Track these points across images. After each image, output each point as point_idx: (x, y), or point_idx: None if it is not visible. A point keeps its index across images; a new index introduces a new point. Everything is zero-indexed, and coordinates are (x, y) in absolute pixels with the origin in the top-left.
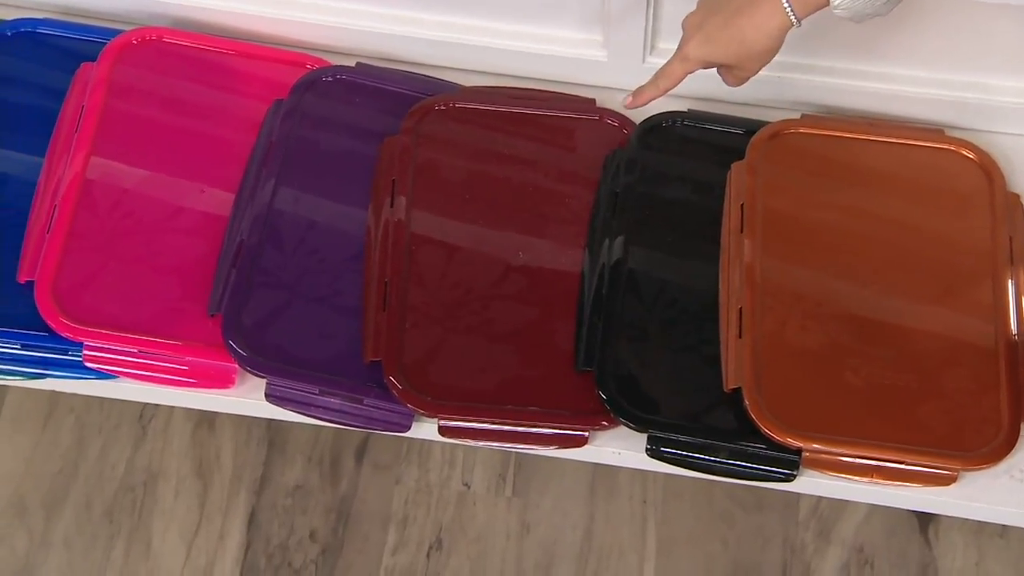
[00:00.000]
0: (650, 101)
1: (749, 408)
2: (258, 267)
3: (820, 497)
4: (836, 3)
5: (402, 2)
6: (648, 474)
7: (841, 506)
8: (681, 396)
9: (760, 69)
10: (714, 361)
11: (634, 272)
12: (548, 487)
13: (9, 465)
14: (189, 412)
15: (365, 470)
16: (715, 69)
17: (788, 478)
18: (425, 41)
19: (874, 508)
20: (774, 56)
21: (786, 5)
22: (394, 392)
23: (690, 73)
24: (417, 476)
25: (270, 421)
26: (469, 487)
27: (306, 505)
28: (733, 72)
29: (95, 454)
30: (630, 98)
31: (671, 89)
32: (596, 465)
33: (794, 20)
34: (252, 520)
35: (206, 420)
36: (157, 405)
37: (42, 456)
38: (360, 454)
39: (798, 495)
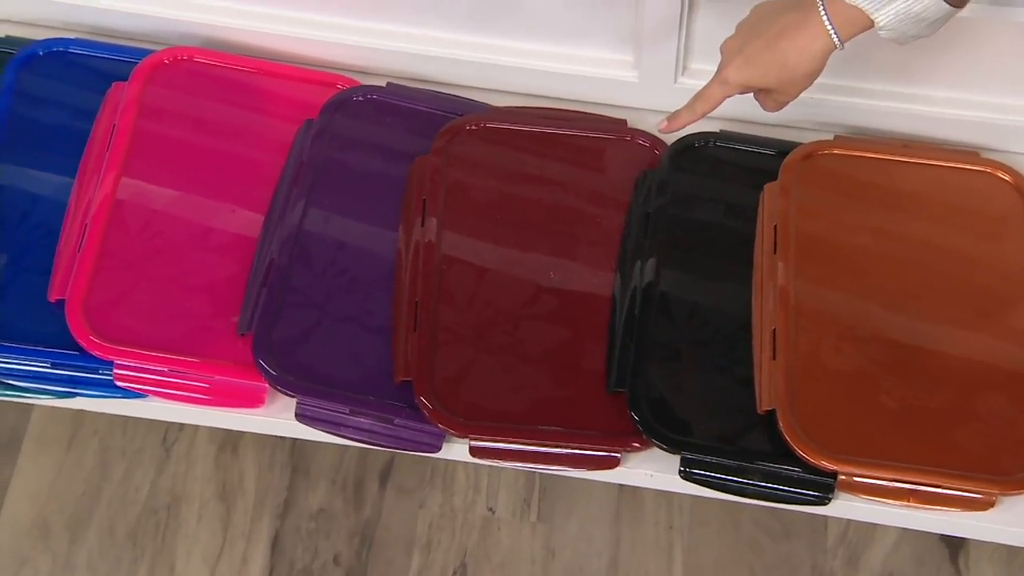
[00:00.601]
0: (686, 126)
1: (783, 430)
2: (288, 286)
3: (848, 525)
4: (881, 24)
5: (432, 22)
6: (674, 500)
7: (869, 534)
8: (714, 418)
9: (800, 93)
10: (747, 382)
11: (666, 293)
12: (573, 512)
13: (33, 487)
14: (212, 435)
15: (389, 494)
16: (752, 94)
17: (823, 501)
18: (455, 61)
19: (903, 536)
20: (815, 80)
21: (830, 27)
22: (425, 412)
23: (728, 97)
24: (441, 500)
25: (294, 444)
26: (494, 512)
27: (330, 529)
28: (772, 96)
29: (119, 477)
30: (665, 122)
31: (708, 113)
32: (621, 491)
33: (838, 43)
34: (276, 544)
35: (229, 443)
36: (181, 428)
37: (66, 478)
38: (384, 478)
39: (825, 522)
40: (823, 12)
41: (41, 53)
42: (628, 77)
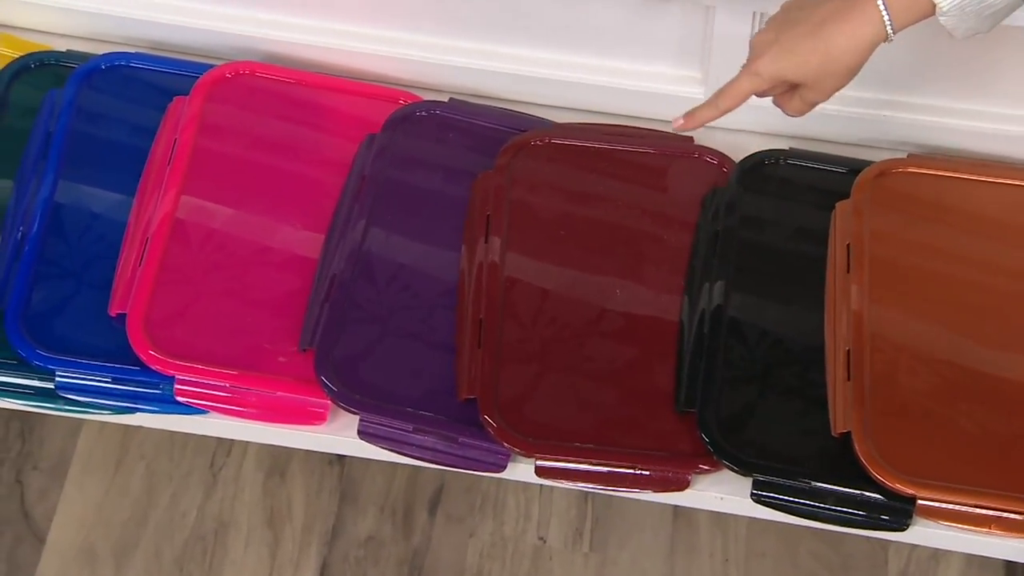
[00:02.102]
0: (706, 123)
1: (859, 453)
2: (351, 302)
3: (909, 558)
4: (944, 9)
5: (495, 37)
6: (730, 531)
7: (931, 568)
8: (787, 439)
9: (835, 92)
10: (821, 404)
11: (736, 315)
12: (626, 543)
13: (79, 512)
14: (260, 461)
15: (438, 522)
16: (773, 100)
17: (900, 527)
18: (518, 77)
19: (966, 570)
20: (853, 78)
21: (884, 12)
22: (490, 431)
23: (756, 93)
24: (492, 529)
25: (342, 471)
26: (545, 541)
27: (378, 557)
28: (802, 94)
29: (165, 502)
30: (681, 120)
31: (732, 110)
32: (675, 520)
33: (890, 31)
34: (324, 572)
35: (277, 469)
36: (228, 453)
37: (112, 503)
38: (433, 505)
39: (885, 556)
40: None
41: (103, 67)
42: (695, 94)
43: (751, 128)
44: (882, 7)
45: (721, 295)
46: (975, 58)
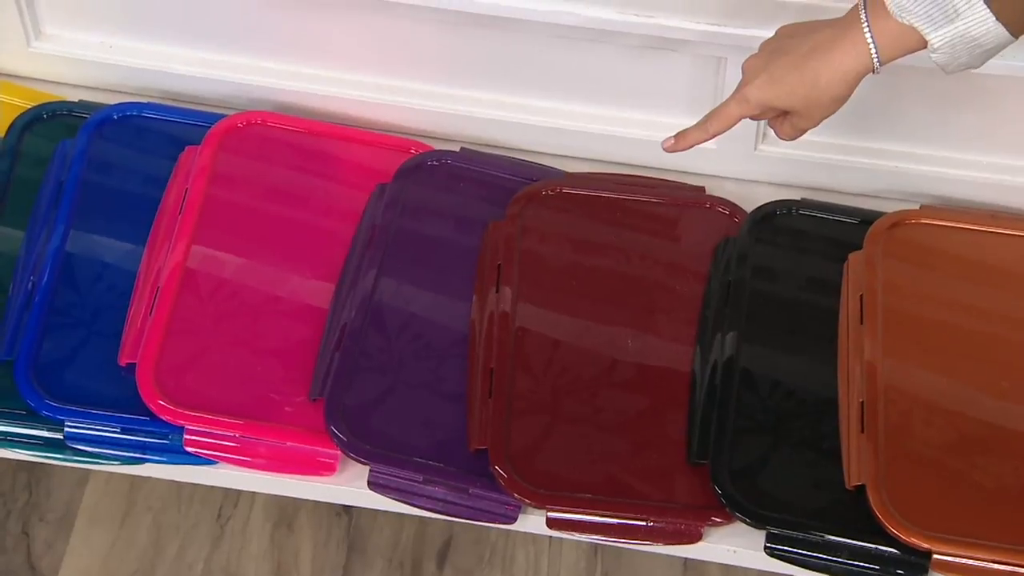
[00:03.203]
0: (695, 145)
1: (874, 506)
2: (362, 352)
3: None
4: (936, 47)
5: (505, 87)
6: None
7: None
8: (800, 492)
9: (823, 120)
10: (834, 456)
11: (748, 366)
12: None
13: (85, 564)
14: (268, 512)
15: (447, 575)
16: (767, 121)
17: None
18: (529, 127)
19: None
20: (841, 107)
21: (872, 47)
22: (500, 482)
23: (746, 117)
24: None
25: (350, 522)
26: None
27: None
28: (792, 121)
29: (172, 554)
30: (671, 140)
31: (721, 133)
32: (685, 573)
33: (876, 64)
34: None
35: (285, 520)
36: (235, 504)
37: (119, 555)
38: (442, 558)
39: None
40: (867, 30)
41: (115, 117)
42: (706, 144)
43: (763, 178)
44: (870, 40)
45: (733, 346)
46: (988, 109)
